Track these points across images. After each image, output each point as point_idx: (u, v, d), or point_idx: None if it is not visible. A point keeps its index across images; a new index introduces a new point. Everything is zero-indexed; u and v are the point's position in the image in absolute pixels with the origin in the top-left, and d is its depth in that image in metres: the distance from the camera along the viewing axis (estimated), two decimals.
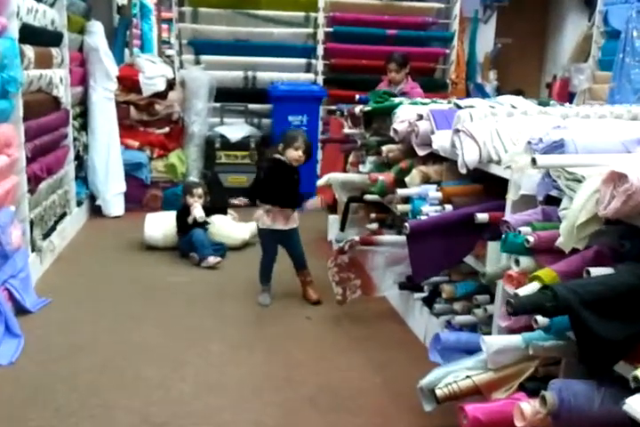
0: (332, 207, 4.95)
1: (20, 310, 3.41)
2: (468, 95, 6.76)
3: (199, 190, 4.64)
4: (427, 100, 3.84)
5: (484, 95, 6.70)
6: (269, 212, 3.66)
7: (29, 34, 3.78)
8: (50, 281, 3.97)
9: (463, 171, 2.67)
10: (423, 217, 2.87)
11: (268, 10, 6.26)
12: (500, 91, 7.49)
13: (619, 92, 5.49)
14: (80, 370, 2.88)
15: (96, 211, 5.58)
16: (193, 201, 4.59)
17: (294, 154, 3.59)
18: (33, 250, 3.92)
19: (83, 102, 5.45)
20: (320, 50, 6.31)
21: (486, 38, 7.76)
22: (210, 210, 4.68)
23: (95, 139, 5.46)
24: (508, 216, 2.26)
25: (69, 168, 4.95)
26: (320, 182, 4.36)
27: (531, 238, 2.01)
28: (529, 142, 2.25)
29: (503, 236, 2.16)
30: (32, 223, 3.91)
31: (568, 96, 6.67)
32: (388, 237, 3.66)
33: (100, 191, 5.50)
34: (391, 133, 3.45)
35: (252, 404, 2.66)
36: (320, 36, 6.28)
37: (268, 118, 6.26)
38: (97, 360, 2.98)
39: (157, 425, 2.48)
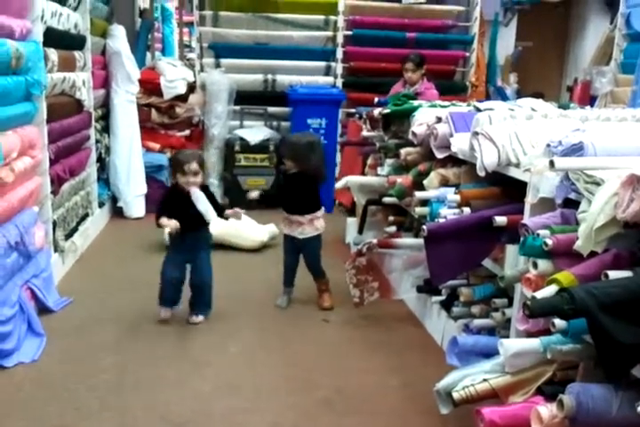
0: (350, 210, 4.96)
1: (43, 310, 3.47)
2: (488, 98, 6.73)
3: (193, 165, 3.22)
4: (446, 103, 3.84)
5: (504, 98, 6.67)
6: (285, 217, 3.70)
7: (53, 37, 3.85)
8: (72, 281, 4.02)
9: (482, 174, 2.67)
10: (441, 220, 2.87)
11: (287, 13, 6.30)
12: (520, 94, 7.45)
13: None
14: (100, 370, 2.92)
15: (117, 212, 5.65)
16: (186, 181, 3.22)
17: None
18: (55, 250, 3.97)
19: (105, 105, 5.52)
20: (339, 53, 6.33)
21: (507, 41, 7.73)
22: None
23: (117, 141, 5.53)
24: (527, 219, 2.25)
25: (91, 170, 5.01)
26: (338, 185, 4.39)
27: (549, 241, 2.00)
28: (548, 145, 2.24)
29: (522, 239, 2.15)
30: (55, 224, 3.97)
31: (589, 99, 6.60)
32: (406, 239, 3.66)
33: (122, 193, 5.57)
34: (410, 136, 3.45)
35: (269, 405, 2.67)
36: (339, 39, 6.30)
37: (288, 121, 6.29)
38: (117, 360, 3.02)
39: (176, 425, 2.51)
